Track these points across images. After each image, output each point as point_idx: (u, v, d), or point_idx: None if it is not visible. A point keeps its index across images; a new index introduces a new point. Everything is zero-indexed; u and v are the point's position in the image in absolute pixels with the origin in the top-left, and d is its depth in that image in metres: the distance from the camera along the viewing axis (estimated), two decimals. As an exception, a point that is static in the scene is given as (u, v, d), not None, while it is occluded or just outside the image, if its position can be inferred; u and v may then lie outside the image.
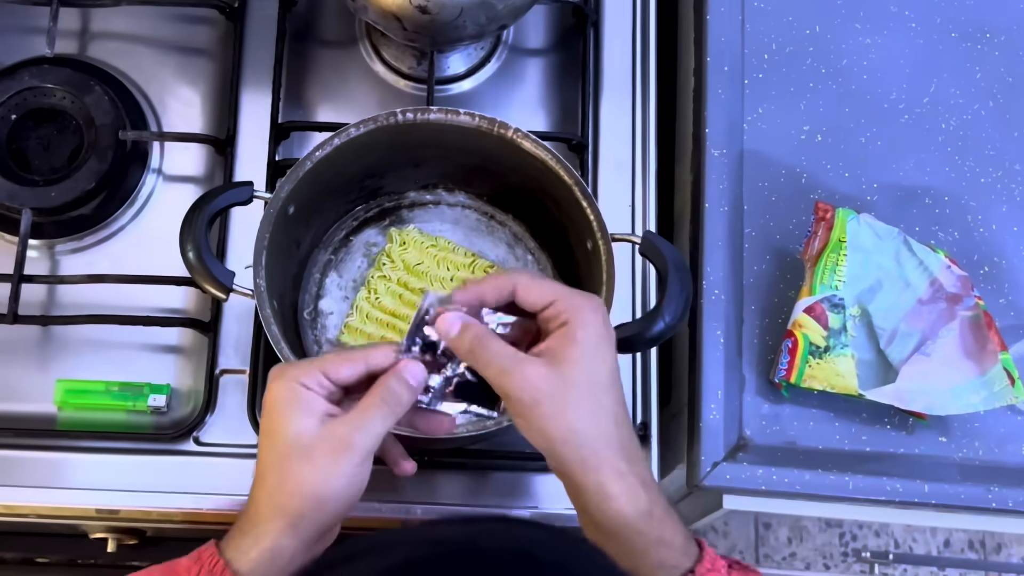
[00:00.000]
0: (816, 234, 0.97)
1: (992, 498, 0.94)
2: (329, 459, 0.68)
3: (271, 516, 0.69)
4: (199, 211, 0.85)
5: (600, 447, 0.69)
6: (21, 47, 1.09)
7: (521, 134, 0.91)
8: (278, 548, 0.68)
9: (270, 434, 0.70)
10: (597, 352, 0.70)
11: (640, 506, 0.69)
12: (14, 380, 1.01)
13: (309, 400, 0.69)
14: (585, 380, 0.69)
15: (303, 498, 0.68)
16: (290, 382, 0.70)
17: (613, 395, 0.71)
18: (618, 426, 0.70)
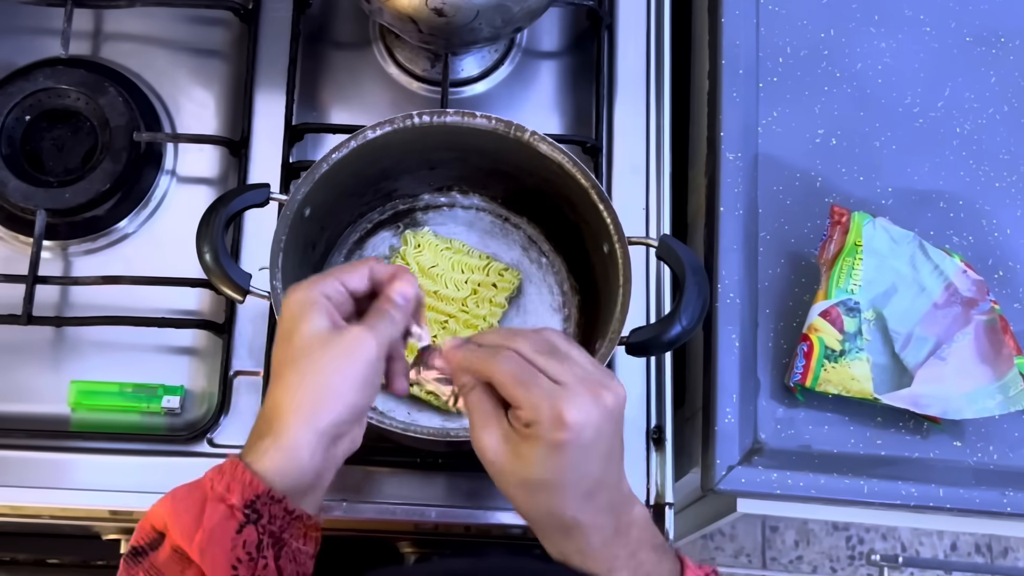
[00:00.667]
0: (832, 238, 0.97)
1: (1007, 502, 0.94)
2: (346, 351, 0.70)
3: (289, 411, 0.69)
4: (216, 213, 0.85)
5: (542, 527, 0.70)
6: (35, 48, 1.09)
7: (538, 137, 0.91)
8: (297, 443, 0.69)
9: (287, 335, 0.71)
10: (550, 461, 0.67)
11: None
12: (28, 381, 1.01)
13: (327, 307, 0.72)
14: (534, 478, 0.68)
15: (321, 388, 0.70)
16: (310, 291, 0.72)
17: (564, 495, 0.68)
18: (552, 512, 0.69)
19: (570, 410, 0.65)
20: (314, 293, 0.72)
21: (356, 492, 0.97)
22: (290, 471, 0.69)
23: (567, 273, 1.01)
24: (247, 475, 0.68)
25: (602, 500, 0.68)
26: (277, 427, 0.69)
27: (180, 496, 0.69)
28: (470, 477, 0.97)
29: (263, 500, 0.68)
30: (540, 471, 0.66)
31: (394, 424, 0.84)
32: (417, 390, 0.96)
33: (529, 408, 0.66)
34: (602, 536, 0.69)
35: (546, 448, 0.66)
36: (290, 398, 0.69)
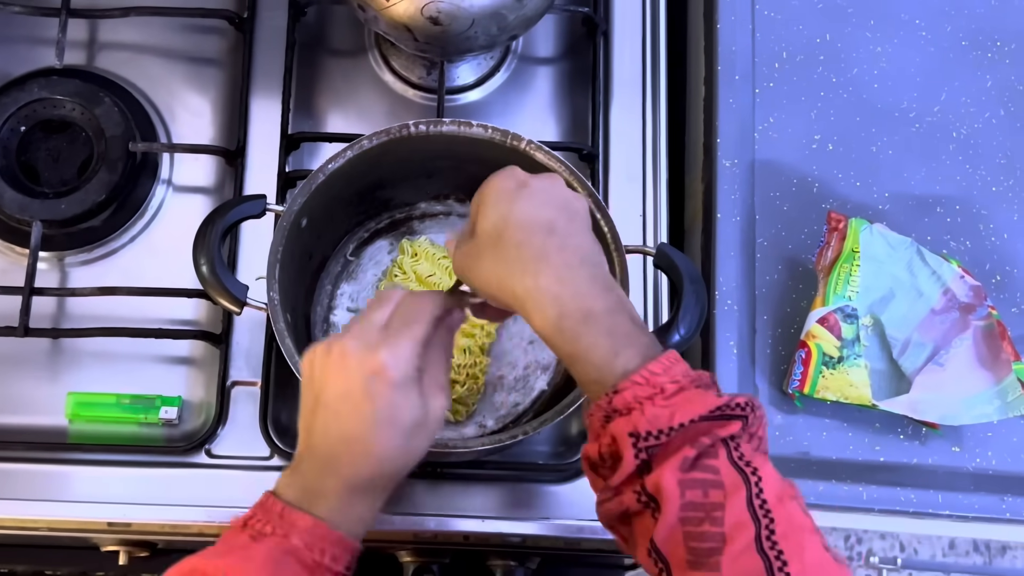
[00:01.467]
0: (829, 244, 0.97)
1: (1006, 508, 0.95)
2: (437, 427, 0.74)
3: (390, 481, 0.73)
4: (212, 225, 0.85)
5: (507, 278, 0.71)
6: (30, 58, 1.09)
7: (534, 146, 0.90)
8: (377, 506, 0.74)
9: (391, 421, 0.71)
10: (491, 209, 0.73)
11: (547, 323, 0.70)
12: (25, 393, 1.00)
13: (415, 381, 0.72)
14: (484, 236, 0.73)
15: (416, 460, 0.74)
16: (409, 369, 0.71)
17: (512, 224, 0.72)
18: (521, 247, 0.71)
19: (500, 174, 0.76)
20: (412, 373, 0.71)
21: (355, 502, 0.96)
22: (370, 525, 0.75)
23: (564, 281, 1.01)
24: (349, 543, 0.71)
25: (565, 241, 0.72)
26: (378, 496, 0.74)
27: (272, 563, 0.69)
28: (469, 486, 0.97)
29: (355, 557, 0.73)
30: (483, 224, 0.74)
31: (392, 435, 0.84)
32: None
33: None
34: (575, 279, 0.70)
35: (485, 195, 0.75)
36: (394, 472, 0.73)
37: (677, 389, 0.66)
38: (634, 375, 0.67)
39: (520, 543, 0.98)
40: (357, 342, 0.72)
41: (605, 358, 0.68)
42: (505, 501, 0.97)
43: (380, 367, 0.70)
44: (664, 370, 0.67)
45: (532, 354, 0.99)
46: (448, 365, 0.77)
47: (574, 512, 0.97)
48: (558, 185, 0.76)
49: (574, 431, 1.01)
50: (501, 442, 0.84)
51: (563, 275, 0.70)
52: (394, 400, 0.71)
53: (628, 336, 0.69)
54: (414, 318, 0.73)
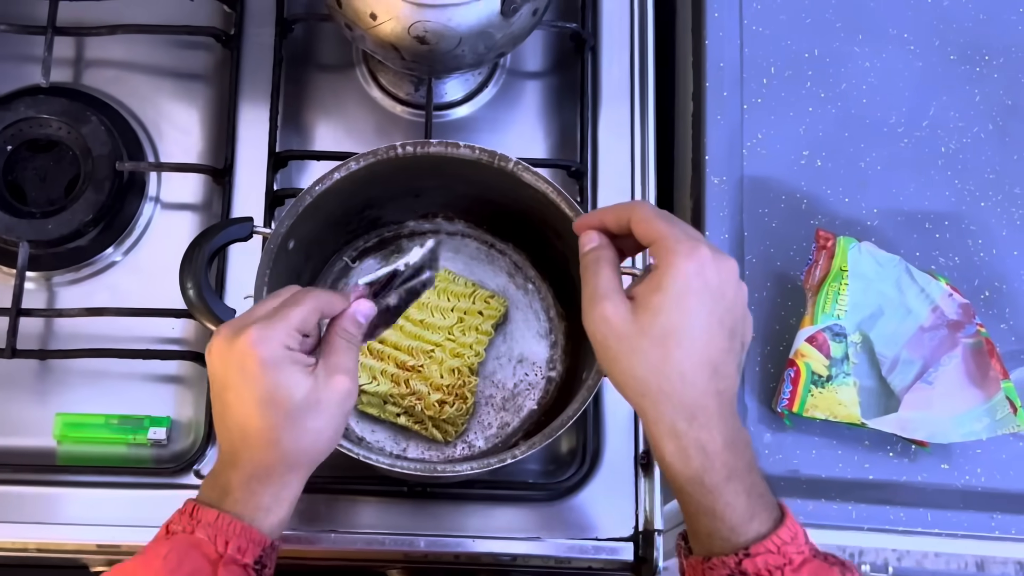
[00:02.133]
0: (817, 263, 0.97)
1: (995, 525, 0.95)
2: (338, 405, 0.71)
3: (290, 469, 0.72)
4: (199, 248, 0.85)
5: (660, 400, 0.68)
6: (16, 76, 1.09)
7: (522, 166, 0.90)
8: (296, 494, 0.73)
9: (271, 401, 0.70)
10: (680, 303, 0.67)
11: (689, 471, 0.67)
12: (13, 414, 1.00)
13: (299, 360, 0.71)
14: (658, 331, 0.67)
15: (322, 445, 0.72)
16: (274, 346, 0.70)
17: (688, 350, 0.67)
18: (685, 383, 0.67)
19: (703, 247, 0.68)
20: (284, 352, 0.70)
21: (344, 523, 0.97)
22: (285, 519, 0.73)
23: (553, 300, 1.01)
24: (255, 534, 0.70)
25: (725, 386, 0.69)
26: (279, 486, 0.72)
27: (176, 561, 0.69)
28: (459, 506, 0.97)
29: (267, 552, 0.71)
30: (665, 318, 0.67)
31: (381, 460, 0.84)
32: (405, 420, 0.96)
33: (671, 237, 0.69)
34: (723, 430, 0.68)
35: (680, 281, 0.67)
36: (290, 461, 0.71)
37: (802, 561, 0.67)
38: (766, 541, 0.67)
39: (511, 562, 0.98)
40: (229, 329, 0.71)
41: (741, 519, 0.68)
42: (495, 520, 0.98)
43: (247, 348, 0.69)
44: (792, 538, 0.67)
45: (521, 374, 0.99)
46: (355, 354, 0.75)
47: (564, 531, 0.97)
48: (741, 293, 0.71)
49: (564, 450, 1.01)
50: (489, 465, 0.84)
51: (715, 425, 0.68)
52: (270, 381, 0.69)
53: (762, 497, 0.69)
54: (292, 304, 0.72)
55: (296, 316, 0.72)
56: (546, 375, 1.00)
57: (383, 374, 0.96)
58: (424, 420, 0.96)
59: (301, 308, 0.72)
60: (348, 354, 0.74)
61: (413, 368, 0.96)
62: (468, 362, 0.97)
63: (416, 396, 0.95)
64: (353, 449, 0.84)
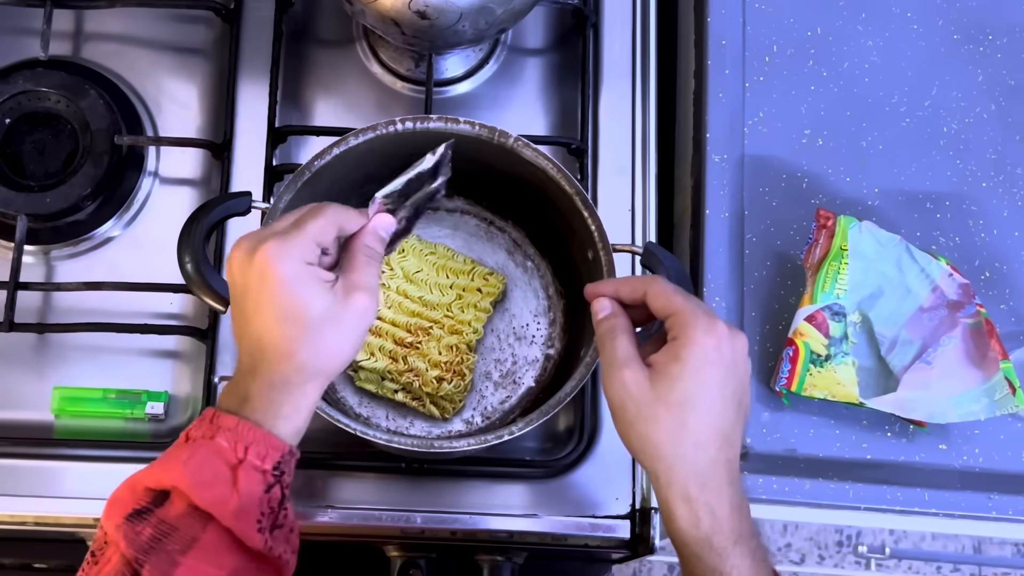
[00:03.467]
0: (817, 242, 0.97)
1: (992, 505, 0.95)
2: (356, 320, 0.73)
3: (307, 379, 0.72)
4: (197, 223, 0.84)
5: (674, 465, 0.71)
6: (14, 49, 1.08)
7: (522, 143, 0.90)
8: (312, 403, 0.74)
9: (290, 314, 0.71)
10: (698, 374, 0.71)
11: (700, 533, 0.71)
12: (11, 388, 1.00)
13: (318, 275, 0.72)
14: (675, 398, 0.71)
15: (341, 358, 0.73)
16: (296, 263, 0.71)
17: (703, 419, 0.71)
18: (698, 450, 0.71)
19: (720, 323, 0.72)
20: (304, 268, 0.71)
21: (342, 498, 0.96)
22: (301, 427, 0.73)
23: (552, 277, 1.01)
24: (275, 440, 0.71)
25: (729, 455, 0.72)
26: (299, 394, 0.72)
27: (197, 465, 0.69)
28: (456, 482, 0.97)
29: (285, 458, 0.72)
30: (683, 387, 0.70)
31: (378, 435, 0.84)
32: (403, 396, 0.96)
33: (682, 311, 0.72)
34: (732, 498, 0.71)
35: (698, 352, 0.71)
36: (308, 371, 0.72)
37: None
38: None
39: (507, 539, 0.98)
40: (249, 241, 0.73)
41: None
42: (492, 497, 0.98)
43: (266, 262, 0.71)
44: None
45: (519, 351, 0.99)
46: (376, 269, 0.76)
47: (561, 508, 0.97)
48: (749, 366, 0.75)
49: (561, 427, 1.01)
50: (487, 442, 0.84)
51: (724, 491, 0.71)
52: (288, 295, 0.70)
53: (763, 562, 0.72)
54: (310, 217, 0.74)
55: (313, 229, 0.73)
56: (544, 352, 0.99)
57: (381, 351, 0.96)
58: (422, 397, 0.96)
59: (319, 221, 0.73)
60: (368, 270, 0.75)
61: (411, 345, 0.96)
62: (466, 339, 0.97)
63: (414, 373, 0.95)
64: (351, 424, 0.84)
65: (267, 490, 0.70)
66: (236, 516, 0.68)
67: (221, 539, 0.69)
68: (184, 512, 0.69)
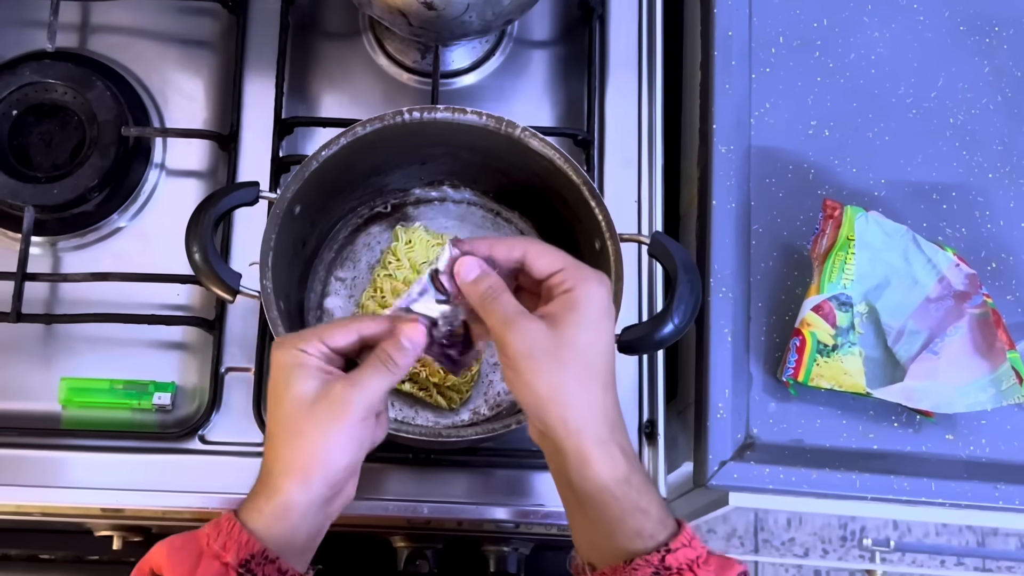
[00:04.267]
0: (824, 232, 0.97)
1: (999, 495, 0.94)
2: (329, 416, 0.71)
3: (281, 473, 0.71)
4: (205, 213, 0.85)
5: (584, 410, 0.71)
6: (21, 41, 1.08)
7: (529, 133, 0.90)
8: (290, 503, 0.71)
9: (275, 398, 0.73)
10: (597, 322, 0.72)
11: (618, 473, 0.70)
12: (18, 379, 1.00)
13: (309, 363, 0.72)
14: (581, 344, 0.71)
15: (309, 454, 0.71)
16: (291, 349, 0.73)
17: (605, 364, 0.72)
18: (605, 393, 0.72)
19: (605, 276, 0.74)
20: (296, 354, 0.72)
21: (348, 489, 0.96)
22: (283, 532, 0.71)
23: (559, 268, 1.01)
24: (243, 535, 0.70)
25: (614, 387, 0.73)
26: (271, 489, 0.72)
27: (176, 547, 0.71)
28: (463, 472, 0.98)
29: (257, 560, 0.70)
30: (586, 334, 0.71)
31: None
32: (410, 387, 0.96)
33: (571, 266, 0.73)
34: (626, 434, 0.73)
35: (595, 301, 0.72)
36: (281, 462, 0.72)
37: (708, 555, 0.71)
38: (679, 536, 0.70)
39: (513, 529, 0.99)
40: (280, 339, 0.76)
41: (660, 515, 0.71)
42: (499, 487, 0.98)
43: (273, 350, 0.74)
44: (691, 538, 0.71)
45: (526, 341, 0.99)
46: (383, 376, 0.73)
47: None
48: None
49: (568, 418, 1.01)
50: (494, 431, 0.84)
51: (625, 431, 0.73)
52: (276, 377, 0.73)
53: (656, 499, 0.73)
54: (336, 323, 0.75)
55: (327, 329, 0.74)
56: (551, 343, 0.99)
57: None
58: (429, 387, 0.96)
59: (338, 324, 0.75)
60: (371, 371, 0.73)
61: (418, 335, 0.96)
62: (473, 329, 0.97)
63: (421, 363, 0.95)
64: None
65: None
66: None
67: None
68: None
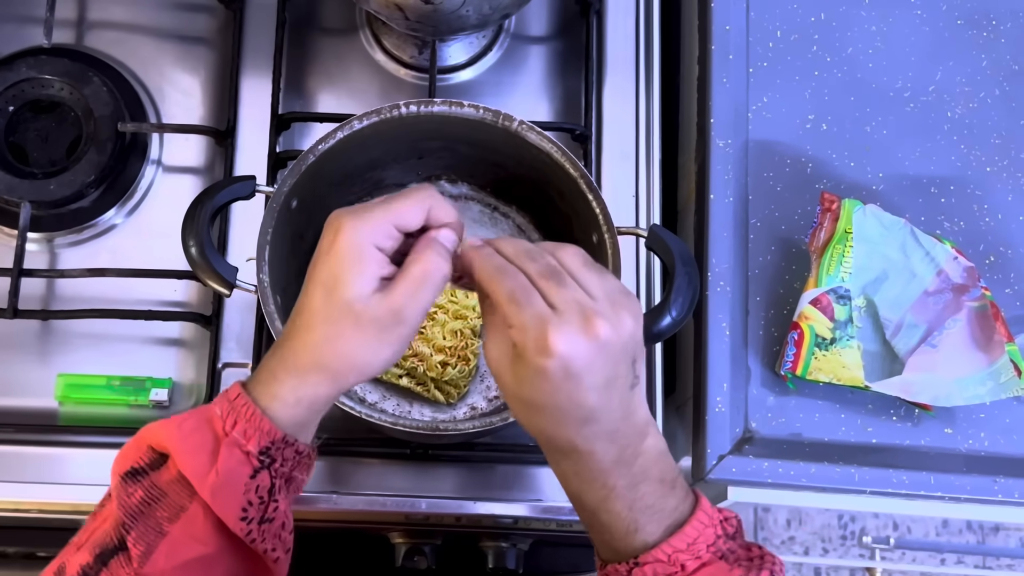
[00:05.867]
0: (822, 225, 0.97)
1: (998, 489, 0.94)
2: (380, 332, 0.67)
3: (313, 368, 0.68)
4: (201, 206, 0.84)
5: (544, 438, 0.69)
6: (17, 37, 1.08)
7: (526, 126, 0.90)
8: (317, 397, 0.69)
9: (328, 286, 0.67)
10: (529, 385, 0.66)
11: (570, 495, 0.70)
12: (14, 375, 1.00)
13: (376, 261, 0.67)
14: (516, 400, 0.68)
15: (349, 363, 0.68)
16: (363, 240, 0.67)
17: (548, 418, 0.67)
18: (557, 427, 0.67)
19: (556, 338, 0.63)
20: (366, 243, 0.66)
21: (346, 484, 0.96)
22: (303, 419, 0.69)
23: (557, 262, 1.01)
24: (264, 422, 0.67)
25: (600, 428, 0.66)
26: (297, 379, 0.68)
27: (188, 429, 0.67)
28: (460, 468, 0.97)
29: (278, 446, 0.68)
30: (531, 392, 0.65)
31: (383, 418, 0.84)
32: (407, 381, 0.96)
33: (518, 328, 0.64)
34: (599, 463, 0.67)
35: (534, 372, 0.64)
36: (315, 357, 0.68)
37: (698, 566, 0.66)
38: (656, 551, 0.66)
39: (512, 525, 0.98)
40: (339, 211, 0.69)
41: (624, 532, 0.68)
42: (497, 483, 0.97)
43: (337, 230, 0.67)
44: (688, 545, 0.67)
45: (524, 336, 0.99)
46: (435, 286, 0.68)
47: (563, 495, 0.97)
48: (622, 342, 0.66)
49: (566, 413, 1.01)
50: (492, 424, 0.84)
51: (584, 459, 0.67)
52: (339, 266, 0.66)
53: (650, 508, 0.68)
54: (401, 197, 0.69)
55: (401, 208, 0.68)
56: (549, 338, 0.99)
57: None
58: (426, 382, 0.96)
59: (409, 201, 0.68)
60: (424, 284, 0.67)
61: (416, 330, 0.96)
62: (471, 324, 0.97)
63: (418, 358, 0.95)
64: (356, 407, 0.84)
65: (253, 475, 0.67)
66: (214, 494, 0.65)
67: (208, 514, 0.66)
68: (175, 478, 0.66)
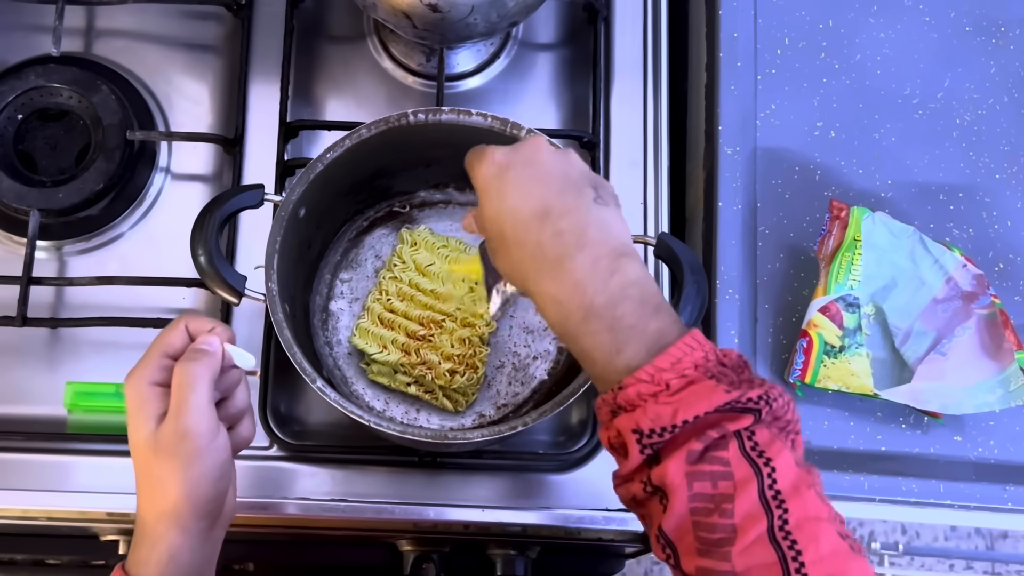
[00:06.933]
0: (831, 233, 0.97)
1: (1008, 497, 0.94)
2: (176, 456, 0.71)
3: (154, 521, 0.72)
4: (210, 215, 0.84)
5: (517, 280, 0.72)
6: (27, 46, 1.08)
7: (534, 134, 0.90)
8: (172, 548, 0.71)
9: (131, 443, 0.73)
10: (484, 207, 0.74)
11: (552, 323, 0.70)
12: (23, 383, 1.00)
13: (156, 397, 0.72)
14: (488, 236, 0.74)
15: (169, 496, 0.71)
16: (136, 384, 0.73)
17: (509, 232, 0.71)
18: (519, 248, 0.71)
19: (480, 160, 0.74)
20: (143, 385, 0.72)
21: (354, 492, 0.96)
22: (175, 572, 0.72)
23: (565, 270, 1.01)
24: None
25: (562, 225, 0.69)
26: (150, 537, 0.72)
27: None
28: (469, 476, 0.97)
29: None
30: (493, 199, 0.73)
31: (392, 427, 0.84)
32: (416, 389, 0.96)
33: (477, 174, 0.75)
34: (572, 274, 0.68)
35: (485, 182, 0.73)
36: (152, 510, 0.72)
37: (684, 384, 0.63)
38: (639, 371, 0.64)
39: (520, 532, 0.98)
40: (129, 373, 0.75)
41: (607, 355, 0.66)
42: (505, 491, 0.97)
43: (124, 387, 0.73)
44: (672, 364, 0.64)
45: (532, 344, 0.99)
46: (202, 386, 0.72)
47: (575, 501, 0.97)
48: (540, 152, 0.73)
49: (574, 421, 1.01)
50: (500, 433, 0.84)
51: (559, 272, 0.68)
52: (129, 419, 0.73)
53: (632, 329, 0.66)
54: (165, 329, 0.76)
55: (164, 339, 0.75)
56: (557, 345, 0.99)
57: (393, 343, 0.95)
58: (435, 390, 0.96)
59: (169, 329, 0.76)
60: (185, 394, 0.72)
61: (424, 338, 0.96)
62: (479, 332, 0.97)
63: (427, 366, 0.95)
64: (364, 416, 0.83)
65: None
66: None
67: None
68: None
